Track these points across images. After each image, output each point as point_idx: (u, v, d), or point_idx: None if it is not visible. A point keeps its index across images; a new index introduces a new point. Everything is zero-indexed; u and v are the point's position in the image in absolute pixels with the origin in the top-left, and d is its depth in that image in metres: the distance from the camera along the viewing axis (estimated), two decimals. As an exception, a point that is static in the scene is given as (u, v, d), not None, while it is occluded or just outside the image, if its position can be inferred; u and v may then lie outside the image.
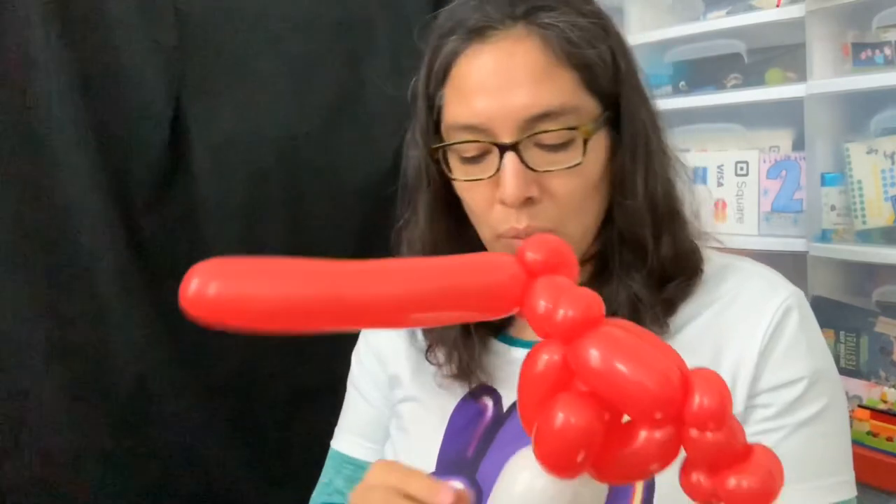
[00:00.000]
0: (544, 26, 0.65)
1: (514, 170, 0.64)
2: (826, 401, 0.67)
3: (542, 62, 0.64)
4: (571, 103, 0.65)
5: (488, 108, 0.65)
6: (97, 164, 1.19)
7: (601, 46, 0.66)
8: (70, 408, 1.17)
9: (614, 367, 0.38)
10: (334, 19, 1.39)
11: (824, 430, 0.67)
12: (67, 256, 1.18)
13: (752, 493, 0.38)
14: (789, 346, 0.67)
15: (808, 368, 0.67)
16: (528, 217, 0.66)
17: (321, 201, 1.38)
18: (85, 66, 1.18)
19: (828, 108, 1.35)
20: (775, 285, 0.71)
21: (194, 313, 0.39)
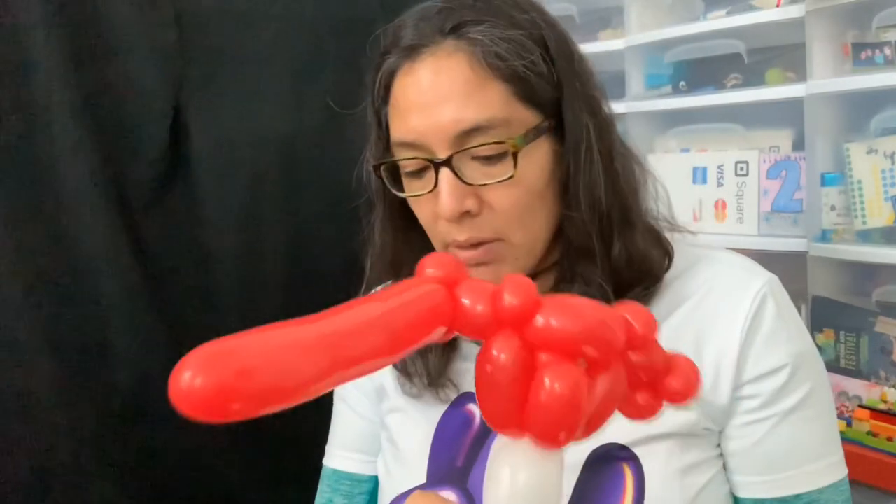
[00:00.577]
0: (471, 41, 0.65)
1: (448, 185, 0.65)
2: (810, 385, 0.68)
3: (468, 77, 0.64)
4: (501, 116, 0.64)
5: (421, 124, 0.65)
6: (97, 164, 1.19)
7: (533, 56, 0.66)
8: (70, 408, 1.17)
9: (575, 324, 0.42)
10: (334, 19, 1.39)
11: (811, 415, 0.68)
12: (67, 256, 1.18)
13: (681, 391, 0.46)
14: (769, 334, 0.68)
15: (790, 355, 0.68)
16: (468, 229, 0.66)
17: (321, 201, 1.38)
18: (84, 65, 1.18)
19: (828, 108, 1.35)
20: (750, 274, 0.71)
21: (189, 411, 0.35)
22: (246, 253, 1.32)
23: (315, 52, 1.37)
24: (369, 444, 0.84)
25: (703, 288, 0.71)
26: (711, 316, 0.69)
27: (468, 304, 0.43)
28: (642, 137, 1.62)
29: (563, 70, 0.67)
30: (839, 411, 1.21)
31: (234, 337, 0.40)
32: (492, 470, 0.45)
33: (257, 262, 1.33)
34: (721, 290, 0.70)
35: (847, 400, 1.23)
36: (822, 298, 1.32)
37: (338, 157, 1.38)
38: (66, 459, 1.16)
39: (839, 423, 1.13)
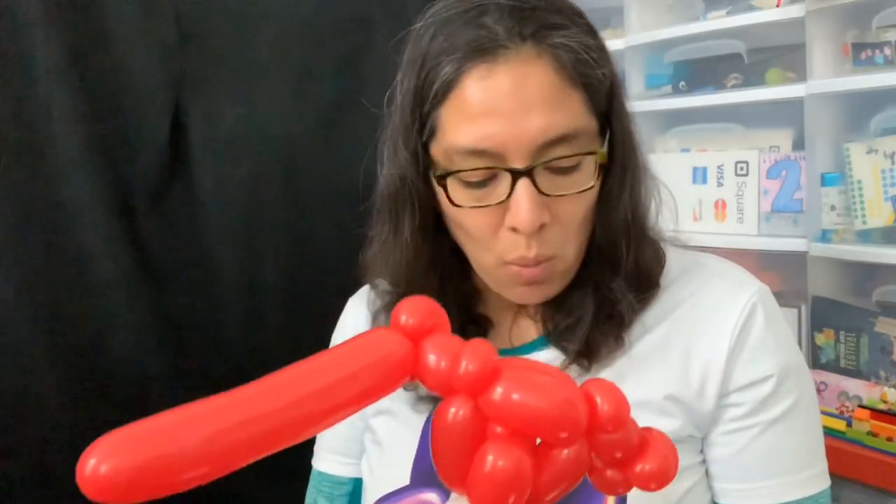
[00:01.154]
0: (556, 46, 0.63)
1: (528, 196, 0.62)
2: (796, 395, 0.68)
3: (556, 84, 0.62)
4: (582, 126, 0.63)
5: (501, 132, 0.62)
6: (97, 163, 1.19)
7: (606, 67, 0.66)
8: (70, 408, 1.17)
9: (529, 405, 0.41)
10: (334, 19, 1.39)
11: (795, 426, 0.68)
12: (67, 257, 1.18)
13: (654, 475, 0.45)
14: (757, 344, 0.68)
15: (777, 365, 0.68)
16: (538, 244, 0.64)
17: (321, 201, 1.38)
18: (84, 65, 1.18)
19: (828, 108, 1.35)
20: (739, 283, 0.71)
21: (95, 496, 0.36)
22: (246, 253, 1.32)
23: (315, 52, 1.37)
24: (350, 447, 0.84)
25: (693, 296, 0.71)
26: (701, 324, 0.69)
27: (432, 361, 0.43)
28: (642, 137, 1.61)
29: (613, 82, 0.68)
30: (839, 411, 1.21)
31: (146, 421, 0.40)
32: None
33: (257, 261, 1.33)
34: (712, 300, 0.70)
35: (847, 400, 1.23)
36: (822, 298, 1.32)
37: (338, 156, 1.38)
38: (66, 459, 1.16)
39: (839, 423, 1.13)
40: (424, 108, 0.66)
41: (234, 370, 1.32)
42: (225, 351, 1.31)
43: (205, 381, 1.28)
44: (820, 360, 1.33)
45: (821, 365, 1.32)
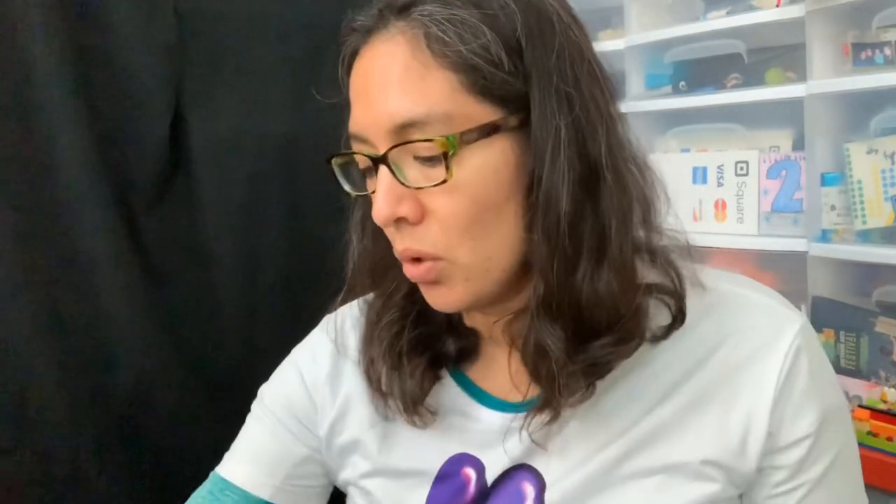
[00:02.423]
0: (416, 22, 0.56)
1: (383, 185, 0.57)
2: (839, 446, 0.62)
3: (409, 64, 0.56)
4: (441, 110, 0.55)
5: (362, 115, 0.60)
6: (96, 164, 1.19)
7: (483, 40, 0.55)
8: (70, 408, 1.17)
9: None
10: (334, 19, 1.38)
11: (841, 477, 0.63)
12: (67, 256, 1.18)
13: None
14: (802, 395, 0.60)
15: (821, 414, 0.60)
16: (408, 239, 0.58)
17: (321, 201, 1.37)
18: (84, 65, 1.18)
19: (828, 108, 1.35)
20: (781, 321, 0.61)
21: None
22: (246, 253, 1.32)
23: (315, 52, 1.37)
24: (274, 470, 0.78)
25: (729, 339, 0.61)
26: (740, 371, 0.60)
27: None
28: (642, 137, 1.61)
29: (535, 60, 0.56)
30: (839, 411, 1.21)
31: None
32: None
33: (257, 261, 1.33)
34: (752, 343, 0.60)
35: (847, 400, 1.23)
36: (822, 298, 1.32)
37: (338, 156, 1.38)
38: (66, 459, 1.16)
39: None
40: (346, 94, 0.65)
41: (234, 370, 1.32)
42: (225, 350, 1.31)
43: (204, 381, 1.29)
44: (820, 360, 1.33)
45: (821, 365, 1.32)
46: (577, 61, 0.57)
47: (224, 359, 1.31)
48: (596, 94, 0.58)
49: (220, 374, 1.30)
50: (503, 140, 0.56)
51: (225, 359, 1.31)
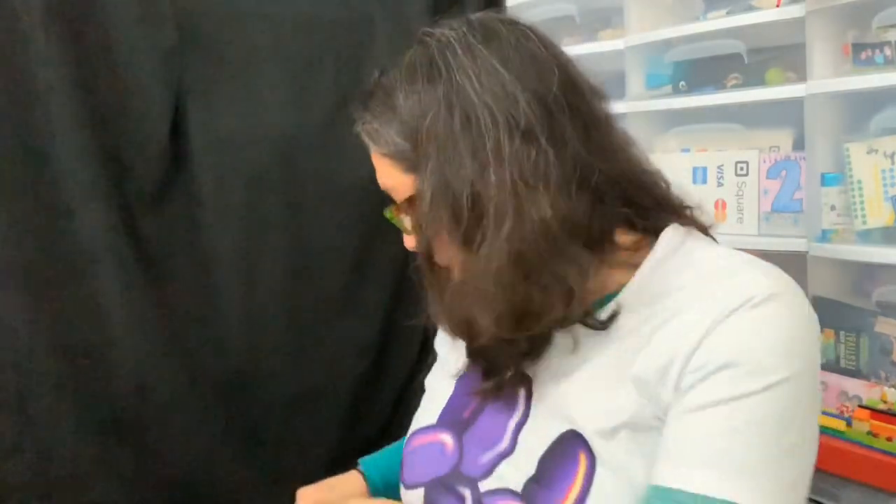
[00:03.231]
0: (365, 127, 0.77)
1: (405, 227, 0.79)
2: (742, 391, 0.62)
3: (372, 152, 0.78)
4: (389, 184, 0.76)
5: None
6: (97, 164, 1.19)
7: (389, 139, 0.74)
8: (70, 408, 1.17)
9: None
10: (334, 19, 1.39)
11: (722, 424, 0.63)
12: (67, 256, 1.18)
13: None
14: (733, 328, 0.64)
15: (738, 351, 0.63)
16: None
17: (321, 201, 1.38)
18: (85, 66, 1.18)
19: (828, 108, 1.35)
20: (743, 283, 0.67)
21: None
22: (246, 253, 1.32)
23: (315, 52, 1.37)
24: None
25: (691, 287, 0.69)
26: (689, 312, 0.67)
27: None
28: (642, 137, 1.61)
29: (428, 139, 0.70)
30: (839, 411, 1.21)
31: None
32: None
33: (257, 261, 1.33)
34: (704, 292, 0.67)
35: (847, 400, 1.23)
36: (822, 298, 1.32)
37: (338, 156, 1.38)
38: (66, 460, 1.16)
39: (839, 423, 1.13)
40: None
41: (234, 369, 1.32)
42: (225, 350, 1.31)
43: (204, 381, 1.29)
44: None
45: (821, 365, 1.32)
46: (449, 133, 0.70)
47: (224, 359, 1.31)
48: (459, 157, 0.70)
49: (220, 374, 1.31)
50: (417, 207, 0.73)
51: (225, 359, 1.31)
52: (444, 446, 0.80)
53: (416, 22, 1.42)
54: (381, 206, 1.41)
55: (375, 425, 1.47)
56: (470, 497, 0.74)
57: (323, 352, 1.39)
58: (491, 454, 0.75)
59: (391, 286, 1.46)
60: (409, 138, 0.72)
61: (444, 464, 0.78)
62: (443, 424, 0.82)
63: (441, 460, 0.78)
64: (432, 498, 0.77)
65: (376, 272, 1.44)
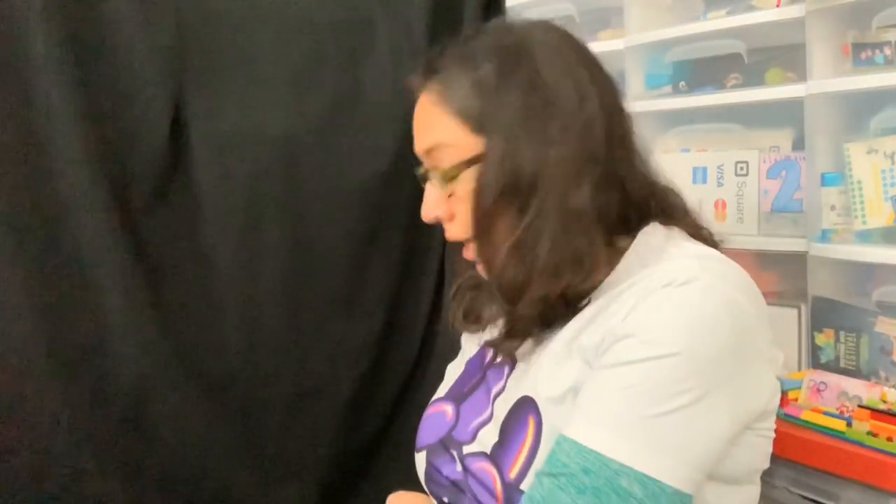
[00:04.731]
0: (431, 85, 0.81)
1: (426, 193, 0.83)
2: (636, 357, 0.69)
3: (428, 110, 0.81)
4: (446, 141, 0.79)
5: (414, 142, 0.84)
6: (97, 164, 1.19)
7: (465, 95, 0.78)
8: (70, 408, 1.17)
9: None
10: (334, 19, 1.39)
11: (614, 384, 0.70)
12: (67, 256, 1.18)
13: None
14: (646, 306, 0.71)
15: (641, 325, 0.71)
16: (448, 231, 0.84)
17: (321, 201, 1.38)
18: (84, 65, 1.18)
19: (828, 108, 1.35)
20: (679, 273, 0.72)
21: None
22: (246, 252, 1.32)
23: (315, 52, 1.37)
24: None
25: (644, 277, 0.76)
26: (622, 297, 0.75)
27: None
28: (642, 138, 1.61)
29: (506, 108, 0.77)
30: (839, 411, 1.21)
31: None
32: None
33: (257, 261, 1.34)
34: (650, 279, 0.74)
35: (847, 400, 1.22)
36: (822, 298, 1.32)
37: (338, 156, 1.38)
38: (66, 459, 1.17)
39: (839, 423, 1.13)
40: None
41: (234, 369, 1.32)
42: (224, 350, 1.31)
43: (204, 381, 1.29)
44: (820, 360, 1.32)
45: (821, 365, 1.32)
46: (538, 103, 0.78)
47: (224, 359, 1.31)
48: (548, 133, 0.77)
49: (219, 374, 1.31)
50: (480, 167, 0.78)
51: (224, 359, 1.31)
52: (445, 414, 0.91)
53: (416, 22, 1.42)
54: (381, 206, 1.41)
55: (375, 425, 1.47)
56: (458, 458, 0.84)
57: (323, 352, 1.39)
58: (477, 422, 0.85)
59: (391, 286, 1.46)
60: (486, 102, 0.77)
61: (443, 429, 0.89)
62: (448, 397, 0.94)
63: (441, 426, 0.89)
64: (431, 458, 0.88)
65: (376, 272, 1.44)
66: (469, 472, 0.81)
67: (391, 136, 1.37)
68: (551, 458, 0.71)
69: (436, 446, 0.88)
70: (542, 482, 0.70)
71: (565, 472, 0.68)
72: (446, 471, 0.85)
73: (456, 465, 0.84)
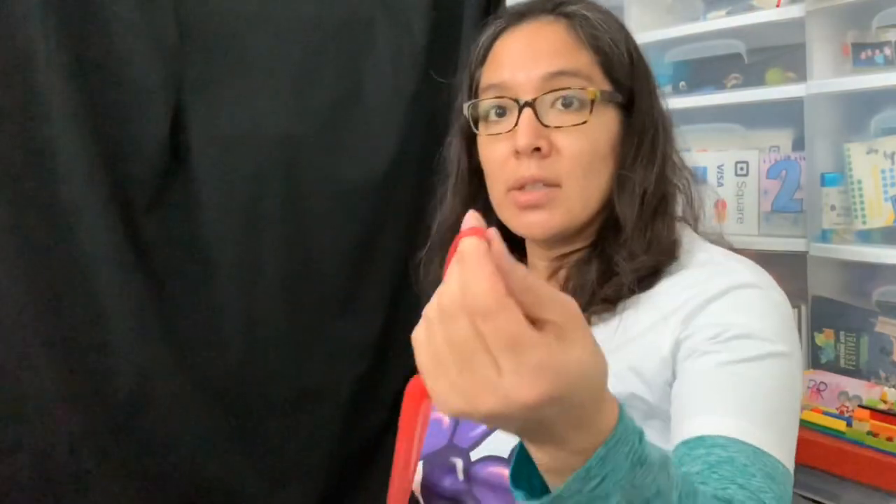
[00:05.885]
0: (569, 14, 0.78)
1: (528, 121, 0.75)
2: (758, 353, 0.68)
3: (565, 38, 0.77)
4: (585, 72, 0.76)
5: (513, 71, 0.77)
6: (97, 164, 1.19)
7: (618, 38, 0.78)
8: (70, 408, 1.17)
9: None
10: (334, 19, 1.39)
11: (734, 377, 0.68)
12: (67, 257, 1.18)
13: None
14: (725, 306, 0.71)
15: (743, 323, 0.69)
16: (536, 167, 0.75)
17: (321, 201, 1.38)
18: (84, 65, 1.18)
19: (828, 108, 1.35)
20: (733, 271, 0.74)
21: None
22: (246, 252, 1.32)
23: (315, 52, 1.37)
24: None
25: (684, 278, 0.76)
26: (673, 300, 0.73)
27: None
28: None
29: (640, 70, 0.80)
30: (839, 411, 1.21)
31: None
32: None
33: (257, 261, 1.33)
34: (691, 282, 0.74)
35: (847, 400, 1.22)
36: (822, 298, 1.32)
37: (338, 156, 1.38)
38: (66, 459, 1.16)
39: (839, 423, 1.13)
40: (472, 69, 0.83)
41: (234, 369, 1.32)
42: (224, 350, 1.31)
43: (204, 381, 1.29)
44: (820, 360, 1.32)
45: (821, 365, 1.32)
46: (655, 82, 0.83)
47: (224, 359, 1.31)
48: (663, 108, 0.83)
49: (219, 374, 1.30)
50: (615, 112, 0.78)
51: (225, 359, 1.31)
52: (441, 422, 0.85)
53: (416, 22, 1.42)
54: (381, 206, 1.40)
55: (375, 425, 1.47)
56: (461, 466, 0.79)
57: (323, 352, 1.39)
58: (482, 427, 0.79)
59: (391, 286, 1.46)
60: (631, 59, 0.79)
61: (440, 438, 0.84)
62: None
63: (438, 435, 0.84)
64: (428, 470, 0.83)
65: (376, 272, 1.44)
66: (474, 482, 0.77)
67: (391, 136, 1.37)
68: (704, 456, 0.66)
69: (432, 457, 0.83)
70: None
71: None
72: (446, 482, 0.80)
73: (457, 475, 0.79)
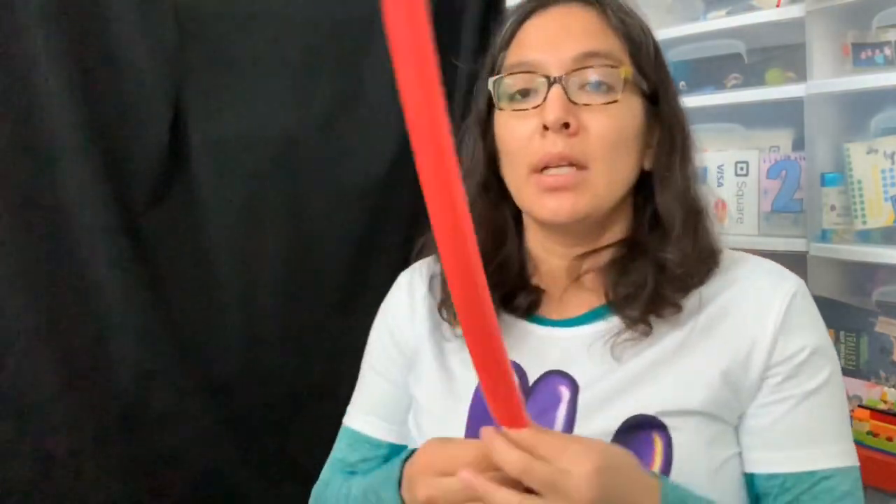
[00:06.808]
0: (601, 3, 0.77)
1: (557, 96, 0.73)
2: (828, 373, 0.73)
3: (595, 22, 0.76)
4: (616, 55, 0.75)
5: (543, 51, 0.75)
6: (97, 164, 1.19)
7: (645, 29, 0.78)
8: (70, 407, 1.17)
9: None
10: (334, 19, 1.39)
11: (828, 401, 0.73)
12: (67, 257, 1.18)
13: None
14: (797, 323, 0.73)
15: (812, 341, 0.73)
16: (563, 144, 0.73)
17: (321, 201, 1.38)
18: (84, 65, 1.18)
19: (828, 108, 1.35)
20: (783, 275, 0.77)
21: None
22: (246, 253, 1.32)
23: (315, 52, 1.37)
24: (390, 412, 0.88)
25: (745, 280, 0.76)
26: (748, 306, 0.74)
27: None
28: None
29: (662, 70, 0.79)
30: (839, 411, 1.21)
31: None
32: None
33: (257, 261, 1.33)
34: (759, 286, 0.75)
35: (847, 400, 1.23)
36: (822, 298, 1.32)
37: (338, 156, 1.38)
38: (66, 459, 1.16)
39: (839, 423, 1.13)
40: (495, 52, 0.81)
41: (234, 370, 1.32)
42: (225, 350, 1.31)
43: (205, 381, 1.29)
44: (820, 360, 1.33)
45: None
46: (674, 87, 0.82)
47: (224, 359, 1.31)
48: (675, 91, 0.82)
49: (220, 374, 1.30)
50: (643, 100, 0.77)
51: (225, 359, 1.31)
52: None
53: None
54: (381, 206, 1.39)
55: (375, 425, 1.47)
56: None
57: (323, 351, 1.39)
58: None
59: (391, 286, 1.46)
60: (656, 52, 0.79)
61: None
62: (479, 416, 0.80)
63: None
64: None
65: (376, 272, 1.44)
66: None
67: (391, 136, 1.37)
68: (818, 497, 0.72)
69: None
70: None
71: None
72: None
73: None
